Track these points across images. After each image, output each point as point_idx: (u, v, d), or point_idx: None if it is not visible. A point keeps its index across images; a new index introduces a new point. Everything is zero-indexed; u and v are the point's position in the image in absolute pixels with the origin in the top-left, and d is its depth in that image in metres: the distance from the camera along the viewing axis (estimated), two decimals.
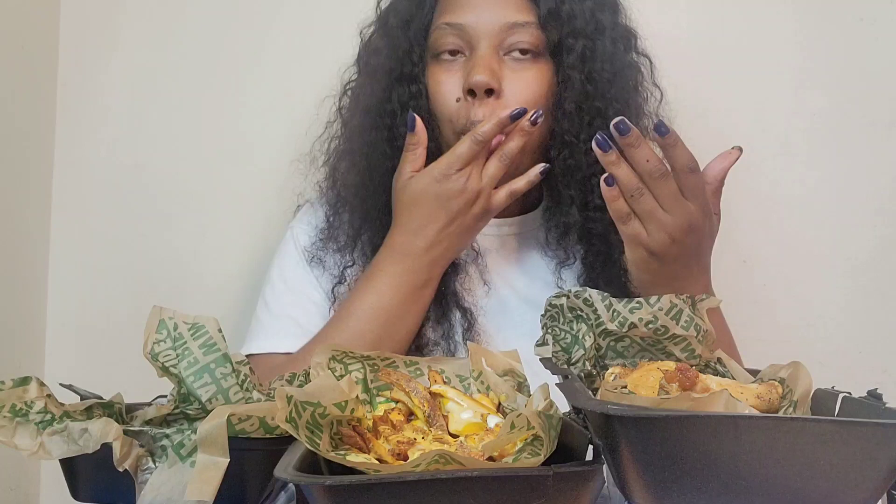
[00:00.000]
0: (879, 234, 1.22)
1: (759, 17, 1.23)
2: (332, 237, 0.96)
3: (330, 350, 0.64)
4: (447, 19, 0.89)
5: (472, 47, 0.88)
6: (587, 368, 0.63)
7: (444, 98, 0.89)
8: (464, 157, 0.82)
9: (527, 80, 0.87)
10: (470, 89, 0.86)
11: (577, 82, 0.88)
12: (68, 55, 1.17)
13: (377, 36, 0.95)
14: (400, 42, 0.91)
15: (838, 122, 1.22)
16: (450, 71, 0.89)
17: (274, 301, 0.96)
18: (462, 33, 0.88)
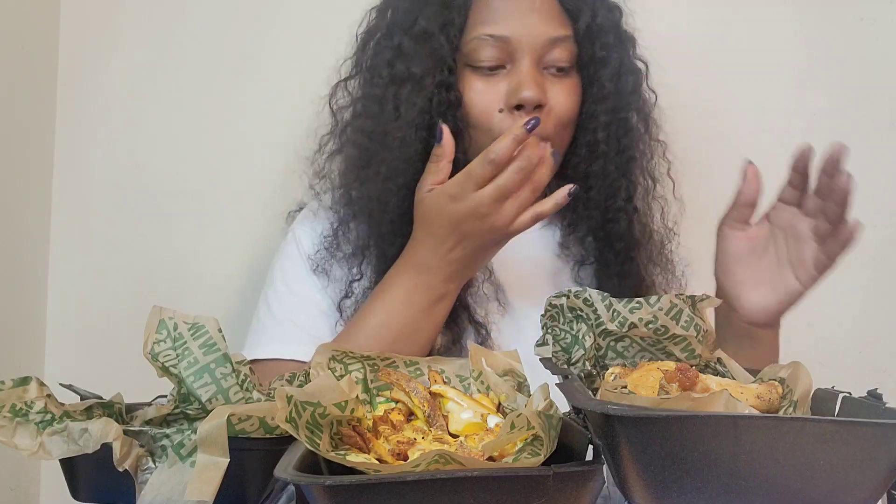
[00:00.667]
0: (879, 234, 1.22)
1: (759, 17, 1.23)
2: (337, 246, 0.94)
3: (330, 350, 0.64)
4: (490, 30, 0.87)
5: (513, 60, 0.88)
6: (587, 368, 0.63)
7: (485, 109, 0.88)
8: (478, 177, 0.78)
9: (566, 94, 0.90)
10: (518, 104, 0.86)
11: (612, 94, 0.92)
12: (68, 55, 1.17)
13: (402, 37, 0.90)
14: (436, 48, 0.88)
15: (838, 122, 1.22)
16: (490, 82, 0.88)
17: (277, 305, 0.95)
18: (505, 45, 0.87)
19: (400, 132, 0.87)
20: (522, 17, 0.88)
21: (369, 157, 0.90)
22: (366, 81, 0.94)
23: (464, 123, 0.89)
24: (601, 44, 0.91)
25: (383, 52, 0.92)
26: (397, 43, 0.90)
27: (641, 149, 0.96)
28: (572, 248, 0.98)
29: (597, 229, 0.95)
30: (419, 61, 0.88)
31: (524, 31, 0.87)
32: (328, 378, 0.52)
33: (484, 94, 0.88)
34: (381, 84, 0.91)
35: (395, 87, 0.89)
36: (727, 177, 1.22)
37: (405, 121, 0.88)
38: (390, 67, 0.90)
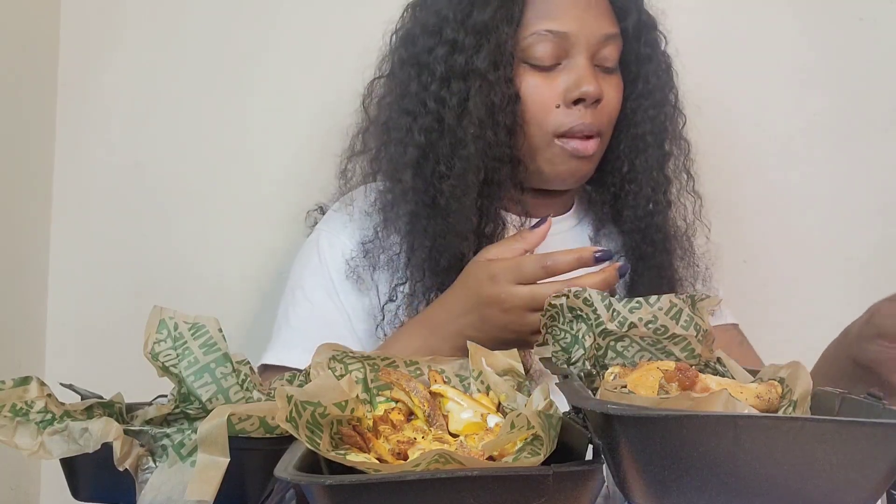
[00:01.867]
0: (879, 233, 1.22)
1: (759, 17, 1.23)
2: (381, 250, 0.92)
3: (330, 350, 0.64)
4: (549, 26, 0.88)
5: (569, 56, 0.89)
6: (587, 368, 0.63)
7: (543, 104, 0.89)
8: (525, 274, 0.77)
9: (615, 90, 0.92)
10: (579, 98, 0.88)
11: (656, 90, 0.95)
12: (69, 55, 1.17)
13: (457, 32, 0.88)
14: (499, 42, 0.86)
15: (839, 122, 1.22)
16: (548, 77, 0.89)
17: (293, 310, 0.94)
18: (563, 41, 0.88)
19: (471, 129, 0.86)
20: (579, 13, 0.89)
21: (427, 154, 0.88)
22: (411, 78, 0.91)
23: (521, 120, 0.89)
24: (646, 41, 0.94)
25: (435, 47, 0.89)
26: (452, 38, 0.88)
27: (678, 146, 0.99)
28: (604, 243, 0.99)
29: (636, 221, 0.96)
30: (482, 56, 0.86)
31: (581, 27, 0.88)
32: (328, 378, 0.52)
33: (541, 89, 0.89)
34: (437, 80, 0.88)
35: (457, 82, 0.87)
36: (727, 177, 1.23)
37: (476, 117, 0.86)
38: (446, 63, 0.88)
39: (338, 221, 0.97)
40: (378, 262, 0.92)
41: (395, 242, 0.91)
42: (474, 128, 0.86)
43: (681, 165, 1.00)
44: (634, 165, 0.95)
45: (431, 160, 0.88)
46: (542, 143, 0.90)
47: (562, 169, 0.91)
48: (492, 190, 0.88)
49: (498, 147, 0.87)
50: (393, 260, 0.91)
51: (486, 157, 0.87)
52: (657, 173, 0.96)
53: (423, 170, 0.88)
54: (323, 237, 0.96)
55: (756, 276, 1.22)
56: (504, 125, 0.87)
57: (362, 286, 0.92)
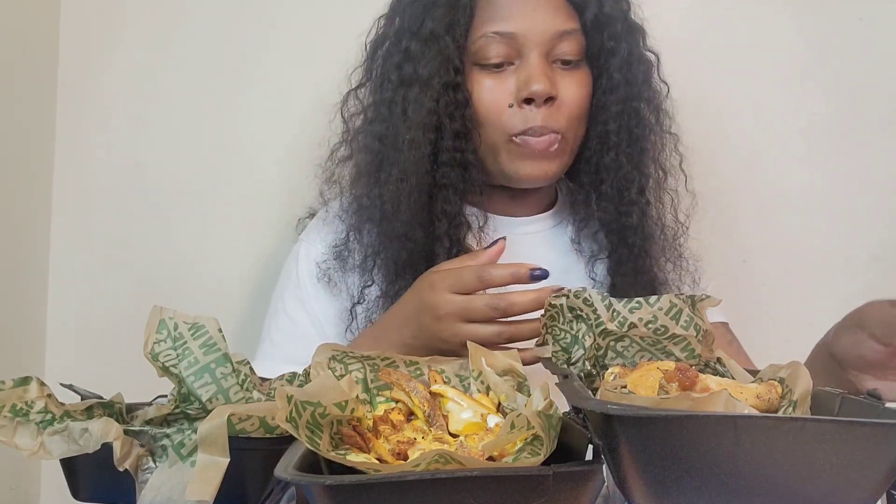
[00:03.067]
0: (879, 233, 1.22)
1: (758, 17, 1.23)
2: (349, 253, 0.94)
3: (330, 350, 0.64)
4: (496, 28, 0.88)
5: (521, 55, 0.88)
6: (587, 368, 0.63)
7: (495, 105, 0.89)
8: (462, 283, 0.77)
9: (576, 86, 0.90)
10: (528, 97, 0.87)
11: (621, 84, 0.92)
12: (69, 55, 1.17)
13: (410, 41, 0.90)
14: (442, 49, 0.88)
15: (838, 122, 1.22)
16: (499, 78, 0.89)
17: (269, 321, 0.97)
18: (512, 42, 0.88)
19: (409, 134, 0.87)
20: (528, 12, 0.88)
21: (380, 160, 0.91)
22: (375, 87, 0.94)
23: (472, 123, 0.89)
24: (609, 34, 0.91)
25: (392, 56, 0.92)
26: (405, 47, 0.90)
27: (653, 140, 0.96)
28: (584, 244, 0.98)
29: (610, 223, 0.94)
30: (426, 63, 0.88)
31: (531, 25, 0.88)
32: (328, 378, 0.52)
33: (493, 90, 0.89)
34: (391, 88, 0.91)
35: (403, 89, 0.89)
36: (726, 176, 1.23)
37: (414, 122, 0.87)
38: (398, 71, 0.90)
39: (314, 229, 1.00)
40: (347, 265, 0.93)
41: (364, 245, 0.93)
42: (412, 133, 0.87)
43: (665, 162, 0.98)
44: (604, 163, 0.93)
45: (384, 166, 0.90)
46: (499, 143, 0.90)
47: (522, 169, 0.90)
48: (446, 193, 0.88)
49: (445, 152, 0.88)
50: (364, 263, 0.92)
51: (430, 161, 0.87)
52: (630, 170, 0.93)
53: (380, 176, 0.90)
54: (302, 248, 0.99)
55: (755, 276, 1.22)
56: (451, 130, 0.87)
57: (334, 289, 0.94)
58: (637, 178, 0.94)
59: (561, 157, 0.91)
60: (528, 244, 0.97)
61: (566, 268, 0.98)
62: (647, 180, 0.95)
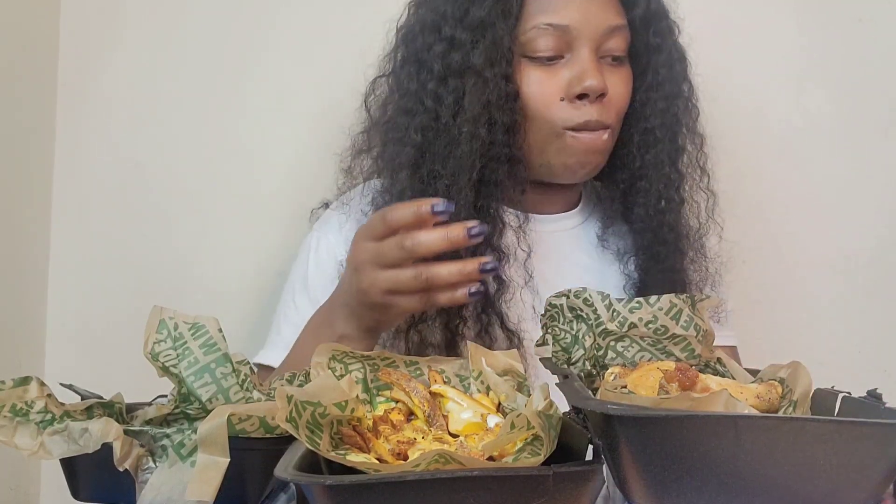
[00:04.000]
0: (879, 233, 1.22)
1: (759, 17, 1.23)
2: None
3: (330, 350, 0.64)
4: (549, 19, 0.86)
5: (572, 49, 0.87)
6: (587, 368, 0.63)
7: (545, 99, 0.87)
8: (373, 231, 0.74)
9: (623, 83, 0.90)
10: (582, 93, 0.86)
11: (666, 82, 0.92)
12: (69, 55, 1.17)
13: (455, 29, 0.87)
14: (495, 39, 0.85)
15: (838, 123, 1.22)
16: (549, 71, 0.87)
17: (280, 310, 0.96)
18: (564, 34, 0.86)
19: (465, 126, 0.84)
20: (581, 5, 0.87)
21: (422, 153, 0.87)
22: (411, 77, 0.90)
23: (521, 116, 0.87)
24: (655, 30, 0.91)
25: (434, 45, 0.88)
26: (450, 34, 0.87)
27: (692, 140, 0.96)
28: (611, 241, 0.97)
29: (646, 220, 0.93)
30: (478, 53, 0.85)
31: (583, 19, 0.86)
32: (328, 378, 0.52)
33: (543, 84, 0.87)
34: (434, 78, 0.87)
35: (454, 80, 0.86)
36: (726, 176, 1.23)
37: (470, 115, 0.85)
38: (443, 59, 0.87)
39: (333, 223, 0.96)
40: None
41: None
42: (469, 126, 0.84)
43: (694, 161, 0.97)
44: (645, 160, 0.92)
45: (427, 159, 0.86)
46: (550, 137, 0.88)
47: (572, 161, 0.89)
48: (489, 189, 0.87)
49: (495, 146, 0.86)
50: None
51: (482, 155, 0.85)
52: (669, 168, 0.93)
53: (419, 169, 0.87)
54: (314, 238, 0.97)
55: (755, 276, 1.21)
56: (501, 123, 0.85)
57: None
58: (676, 178, 0.94)
59: (606, 152, 0.91)
60: (557, 241, 0.96)
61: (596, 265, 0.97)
62: (683, 178, 0.95)
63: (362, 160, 0.97)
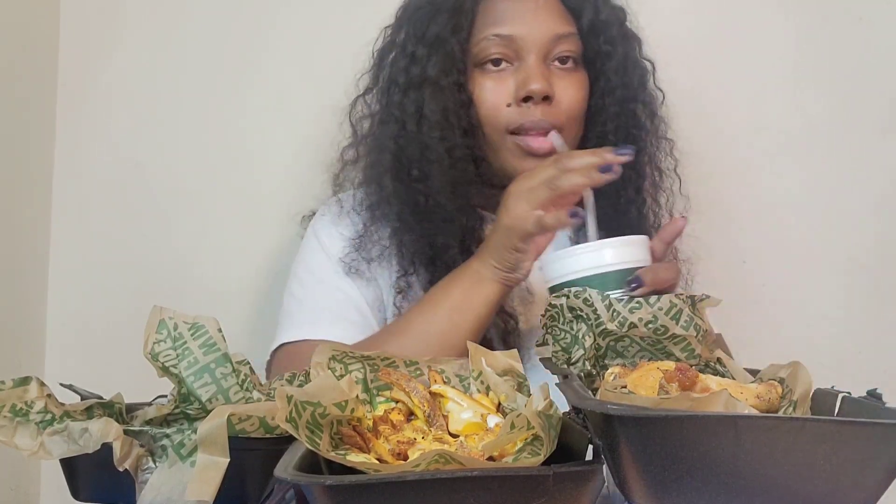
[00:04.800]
0: (879, 233, 1.22)
1: (757, 17, 1.23)
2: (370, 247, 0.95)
3: (330, 350, 0.64)
4: (496, 31, 0.92)
5: (520, 57, 0.92)
6: (587, 368, 0.63)
7: (495, 104, 0.92)
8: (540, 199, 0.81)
9: (573, 87, 0.94)
10: (527, 96, 0.90)
11: (619, 87, 0.96)
12: (69, 55, 1.17)
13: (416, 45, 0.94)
14: (448, 52, 0.92)
15: (837, 122, 1.22)
16: (498, 79, 0.93)
17: (304, 293, 0.96)
18: (511, 44, 0.92)
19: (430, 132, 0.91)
20: (527, 16, 0.92)
21: (397, 159, 0.93)
22: (383, 92, 0.98)
23: (476, 121, 0.93)
24: (605, 38, 0.95)
25: (399, 62, 0.96)
26: (411, 51, 0.94)
27: (649, 142, 0.99)
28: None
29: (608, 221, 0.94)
30: (433, 65, 0.92)
31: (529, 29, 0.92)
32: (328, 378, 0.52)
33: (493, 91, 0.92)
34: (399, 91, 0.94)
35: (413, 91, 0.93)
36: (726, 176, 1.23)
37: (432, 121, 0.91)
38: (406, 74, 0.94)
39: (329, 216, 1.00)
40: (371, 256, 0.95)
41: (384, 237, 0.95)
42: (432, 131, 0.91)
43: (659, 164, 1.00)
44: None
45: (405, 164, 0.93)
46: (497, 141, 0.93)
47: (519, 165, 0.92)
48: (464, 189, 0.92)
49: (459, 148, 0.91)
50: (384, 254, 0.94)
51: (450, 157, 0.91)
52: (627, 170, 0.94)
53: (400, 174, 0.93)
54: (319, 230, 0.99)
55: (755, 276, 1.21)
56: (459, 127, 0.91)
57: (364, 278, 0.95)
58: (634, 178, 0.97)
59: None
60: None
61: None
62: (643, 181, 0.98)
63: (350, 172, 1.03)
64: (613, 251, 0.77)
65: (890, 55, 1.22)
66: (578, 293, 0.65)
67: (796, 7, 1.23)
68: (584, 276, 0.75)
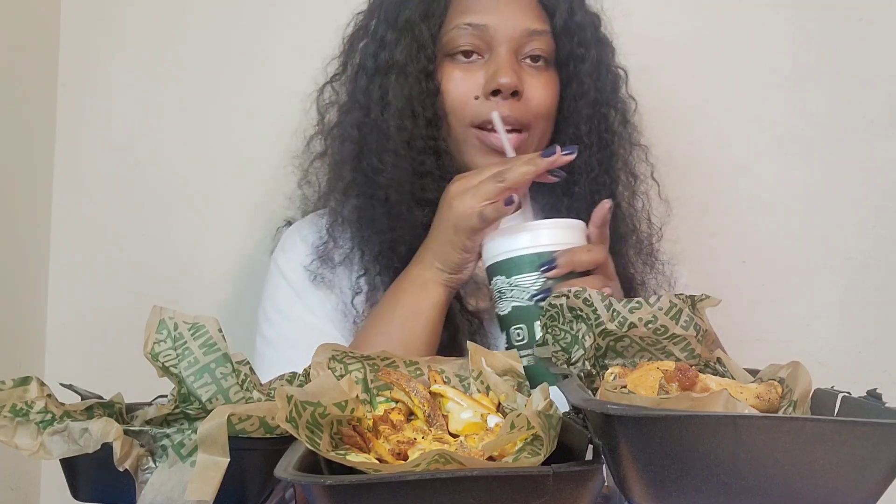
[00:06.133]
0: (878, 233, 1.22)
1: (758, 17, 1.23)
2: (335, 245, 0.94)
3: (330, 350, 0.64)
4: (469, 19, 0.90)
5: (491, 49, 0.91)
6: (587, 368, 0.63)
7: (461, 96, 0.91)
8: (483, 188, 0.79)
9: (543, 86, 0.93)
10: (495, 90, 0.88)
11: (591, 90, 0.94)
12: (69, 55, 1.18)
13: (386, 30, 0.93)
14: (416, 37, 0.90)
15: (837, 122, 1.22)
16: (468, 70, 0.91)
17: (274, 334, 0.95)
18: (483, 34, 0.90)
19: (389, 120, 0.89)
20: (500, 7, 0.91)
21: (360, 148, 0.92)
22: (352, 78, 0.96)
23: (442, 112, 0.91)
24: (579, 40, 0.94)
25: (369, 46, 0.94)
26: (381, 36, 0.93)
27: (623, 147, 0.98)
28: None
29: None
30: (401, 51, 0.90)
31: (501, 20, 0.90)
32: (328, 378, 0.52)
33: (461, 81, 0.91)
34: (366, 76, 0.93)
35: (379, 77, 0.91)
36: (726, 177, 1.23)
37: (392, 109, 0.89)
38: (374, 59, 0.92)
39: (288, 238, 0.99)
40: (335, 260, 0.93)
41: (347, 238, 0.93)
42: (395, 119, 0.89)
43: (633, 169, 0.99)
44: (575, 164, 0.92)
45: (366, 153, 0.91)
46: (461, 135, 0.92)
47: (481, 162, 0.91)
48: (426, 182, 0.90)
49: (421, 139, 0.90)
50: (349, 256, 0.93)
51: (411, 148, 0.89)
52: (600, 173, 0.95)
53: (360, 163, 0.92)
54: (279, 258, 0.98)
55: (755, 276, 1.22)
56: (424, 117, 0.89)
57: (329, 286, 0.94)
58: (607, 182, 0.96)
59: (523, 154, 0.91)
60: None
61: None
62: (617, 184, 0.97)
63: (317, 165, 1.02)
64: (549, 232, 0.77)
65: (890, 55, 1.22)
66: (578, 293, 0.65)
67: (796, 7, 1.23)
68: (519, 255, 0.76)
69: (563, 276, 0.75)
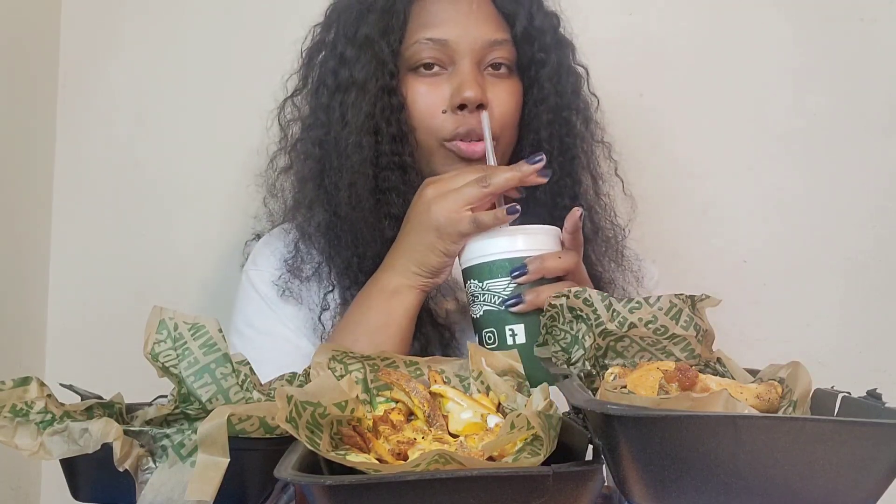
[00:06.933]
0: (878, 233, 1.22)
1: (759, 17, 1.23)
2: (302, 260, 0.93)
3: (330, 350, 0.64)
4: (429, 34, 0.90)
5: (454, 62, 0.90)
6: (587, 368, 0.63)
7: (428, 110, 0.90)
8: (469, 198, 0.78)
9: (506, 94, 0.92)
10: (461, 104, 0.88)
11: (552, 94, 0.94)
12: (69, 55, 1.18)
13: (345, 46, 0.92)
14: (377, 53, 0.89)
15: (838, 123, 1.22)
16: (433, 84, 0.90)
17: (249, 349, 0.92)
18: (445, 48, 0.90)
19: (350, 137, 0.89)
20: (460, 20, 0.90)
21: (322, 166, 0.92)
22: (312, 94, 0.96)
23: (408, 127, 0.90)
24: (539, 46, 0.94)
25: (328, 62, 0.94)
26: (340, 52, 0.92)
27: (584, 149, 0.98)
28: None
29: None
30: (361, 67, 0.89)
31: (463, 33, 0.89)
32: (328, 378, 0.52)
33: (427, 95, 0.90)
34: (327, 93, 0.92)
35: (340, 94, 0.91)
36: (725, 177, 1.23)
37: (353, 126, 0.89)
38: (334, 76, 0.92)
39: (259, 253, 0.98)
40: (303, 274, 0.93)
41: (315, 253, 0.93)
42: (354, 136, 0.88)
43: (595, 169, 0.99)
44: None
45: (327, 170, 0.91)
46: (431, 148, 0.91)
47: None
48: (389, 197, 0.89)
49: (384, 156, 0.89)
50: (317, 271, 0.92)
51: (372, 165, 0.89)
52: (562, 177, 0.95)
53: (322, 180, 0.92)
54: (251, 272, 0.97)
55: (756, 276, 1.22)
56: (388, 133, 0.89)
57: (298, 300, 0.93)
58: (569, 185, 0.96)
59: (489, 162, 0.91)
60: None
61: None
62: (579, 187, 0.97)
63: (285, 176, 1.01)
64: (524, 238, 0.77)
65: (890, 55, 1.22)
66: (578, 293, 0.65)
67: (797, 7, 1.23)
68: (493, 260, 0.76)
69: (533, 283, 0.75)
